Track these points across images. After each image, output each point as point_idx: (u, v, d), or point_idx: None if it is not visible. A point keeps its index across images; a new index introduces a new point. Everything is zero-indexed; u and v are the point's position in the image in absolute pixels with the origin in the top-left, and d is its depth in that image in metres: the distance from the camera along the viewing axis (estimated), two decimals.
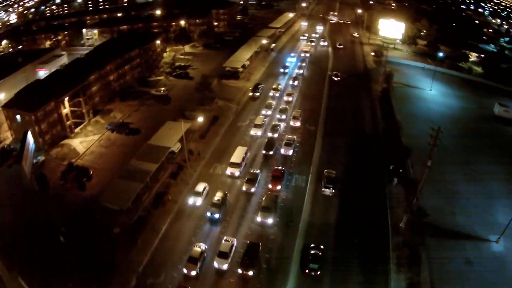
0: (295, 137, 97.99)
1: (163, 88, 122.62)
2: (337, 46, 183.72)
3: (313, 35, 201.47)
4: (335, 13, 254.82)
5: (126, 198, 66.57)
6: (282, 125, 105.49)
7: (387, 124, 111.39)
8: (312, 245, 66.51)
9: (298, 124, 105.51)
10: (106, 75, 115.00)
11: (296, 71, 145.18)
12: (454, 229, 74.80)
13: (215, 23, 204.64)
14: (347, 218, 75.06)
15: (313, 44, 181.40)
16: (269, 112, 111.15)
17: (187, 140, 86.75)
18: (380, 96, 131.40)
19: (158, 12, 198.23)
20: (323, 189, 79.65)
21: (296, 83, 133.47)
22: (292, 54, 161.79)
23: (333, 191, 79.47)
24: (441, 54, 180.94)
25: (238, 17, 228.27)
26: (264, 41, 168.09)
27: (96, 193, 74.73)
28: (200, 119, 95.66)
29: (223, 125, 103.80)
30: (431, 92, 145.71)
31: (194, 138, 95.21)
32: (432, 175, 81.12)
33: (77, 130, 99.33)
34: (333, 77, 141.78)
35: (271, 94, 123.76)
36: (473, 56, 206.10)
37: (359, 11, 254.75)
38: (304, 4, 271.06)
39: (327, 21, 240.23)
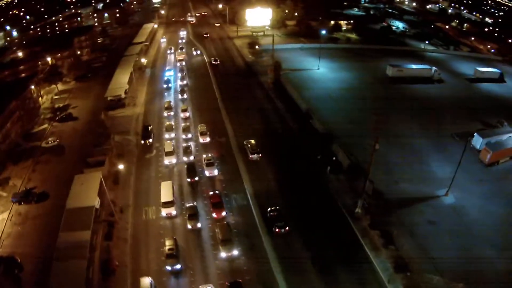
0: (212, 154, 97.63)
1: (51, 139, 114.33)
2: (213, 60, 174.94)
3: (180, 41, 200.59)
4: (192, 14, 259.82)
5: (78, 281, 61.85)
6: (192, 144, 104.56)
7: (293, 115, 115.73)
8: (270, 209, 76.25)
9: (207, 139, 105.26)
10: None
11: (179, 83, 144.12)
12: (406, 197, 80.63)
13: (78, 52, 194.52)
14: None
15: (183, 50, 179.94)
16: (173, 135, 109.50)
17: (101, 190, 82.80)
18: (273, 88, 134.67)
19: (20, 54, 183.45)
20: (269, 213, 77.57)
21: (185, 95, 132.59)
22: (168, 67, 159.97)
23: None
24: (324, 32, 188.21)
25: (99, 40, 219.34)
26: (141, 60, 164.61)
27: (39, 284, 67.72)
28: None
29: (132, 162, 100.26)
30: (320, 71, 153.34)
31: (108, 186, 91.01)
32: (356, 151, 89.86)
33: None
34: (218, 82, 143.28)
35: (165, 114, 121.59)
36: (343, 25, 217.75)
37: (219, 6, 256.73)
38: (162, 12, 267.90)
39: (187, 23, 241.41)
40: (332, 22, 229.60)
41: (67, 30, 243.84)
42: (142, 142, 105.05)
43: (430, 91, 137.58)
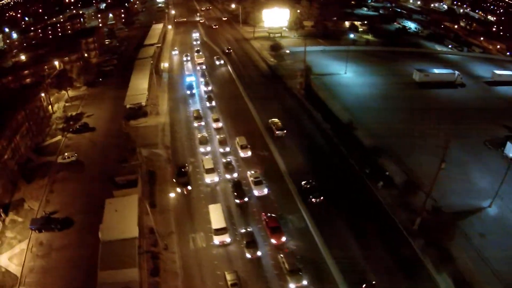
0: (258, 171, 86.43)
1: (68, 153, 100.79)
2: (226, 51, 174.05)
3: (194, 42, 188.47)
4: (200, 13, 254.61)
5: None
6: (232, 159, 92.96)
7: (333, 126, 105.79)
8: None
9: (249, 153, 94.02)
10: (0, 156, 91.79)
11: (204, 88, 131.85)
12: (456, 210, 75.79)
13: (85, 54, 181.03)
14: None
15: (201, 53, 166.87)
16: (208, 148, 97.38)
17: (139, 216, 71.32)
18: (304, 95, 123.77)
19: (22, 57, 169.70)
20: None
21: (213, 103, 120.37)
22: (187, 72, 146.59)
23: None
24: (352, 36, 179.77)
25: (106, 41, 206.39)
26: (161, 64, 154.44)
27: None
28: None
29: (166, 181, 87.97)
30: (347, 75, 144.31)
31: (144, 210, 78.78)
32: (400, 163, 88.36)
33: None
34: (245, 88, 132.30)
35: (195, 124, 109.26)
36: (360, 26, 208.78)
37: (232, 6, 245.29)
38: (173, 12, 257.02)
39: (197, 24, 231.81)
40: (347, 22, 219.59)
41: (70, 32, 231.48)
42: (179, 190, 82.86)
43: (455, 96, 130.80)
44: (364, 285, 59.14)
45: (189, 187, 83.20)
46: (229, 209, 78.13)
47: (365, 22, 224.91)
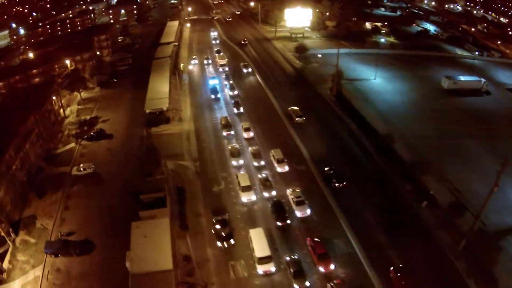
0: (299, 189, 77.17)
1: (84, 165, 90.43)
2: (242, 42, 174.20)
3: (213, 42, 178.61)
4: (218, 10, 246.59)
5: None
6: (268, 174, 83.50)
7: (368, 136, 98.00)
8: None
9: (286, 168, 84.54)
10: (8, 167, 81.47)
11: (229, 92, 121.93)
12: (499, 229, 70.50)
13: (98, 53, 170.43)
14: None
15: (221, 53, 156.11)
16: (241, 162, 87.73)
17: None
18: (336, 102, 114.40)
19: (30, 55, 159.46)
20: None
21: (241, 109, 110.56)
22: (210, 75, 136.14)
23: None
24: (383, 40, 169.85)
25: (119, 39, 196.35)
26: (180, 64, 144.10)
27: None
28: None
29: (197, 199, 78.44)
30: (377, 81, 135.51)
31: (176, 233, 69.24)
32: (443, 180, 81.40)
33: (5, 265, 68.26)
34: (273, 93, 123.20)
35: (224, 133, 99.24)
36: (382, 28, 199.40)
37: (251, 4, 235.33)
38: (189, 9, 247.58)
39: (213, 21, 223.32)
40: (368, 24, 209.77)
41: (80, 28, 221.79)
42: (219, 243, 67.08)
43: (482, 104, 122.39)
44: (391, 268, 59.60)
45: (232, 241, 67.46)
46: (270, 232, 69.19)
47: (385, 23, 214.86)
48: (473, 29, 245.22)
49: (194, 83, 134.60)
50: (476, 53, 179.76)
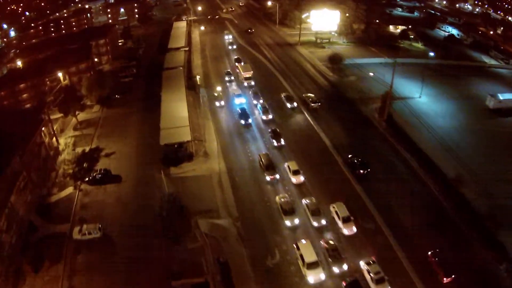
0: (375, 260, 58.30)
1: (89, 226, 68.06)
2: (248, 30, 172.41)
3: (229, 47, 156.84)
4: (228, 9, 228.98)
5: None
6: (333, 238, 64.07)
7: (434, 178, 78.49)
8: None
9: (354, 229, 64.92)
10: None
11: (262, 117, 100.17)
12: None
13: (96, 59, 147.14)
14: None
15: (243, 63, 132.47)
16: (297, 221, 67.07)
17: None
18: (386, 128, 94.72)
19: (19, 63, 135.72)
20: None
21: (282, 141, 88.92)
22: (236, 92, 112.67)
23: None
24: (432, 54, 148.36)
25: (120, 42, 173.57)
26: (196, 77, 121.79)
27: None
28: None
29: (248, 278, 58.25)
30: (422, 100, 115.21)
31: None
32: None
33: None
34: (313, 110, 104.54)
35: (267, 178, 77.63)
36: (411, 33, 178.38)
37: (269, 3, 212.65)
38: (199, 8, 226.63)
39: (225, 21, 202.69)
40: (391, 27, 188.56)
41: (75, 29, 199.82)
42: None
43: None
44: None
45: None
46: None
47: (409, 26, 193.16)
48: (491, 32, 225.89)
49: (213, 100, 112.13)
50: (503, 60, 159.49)
